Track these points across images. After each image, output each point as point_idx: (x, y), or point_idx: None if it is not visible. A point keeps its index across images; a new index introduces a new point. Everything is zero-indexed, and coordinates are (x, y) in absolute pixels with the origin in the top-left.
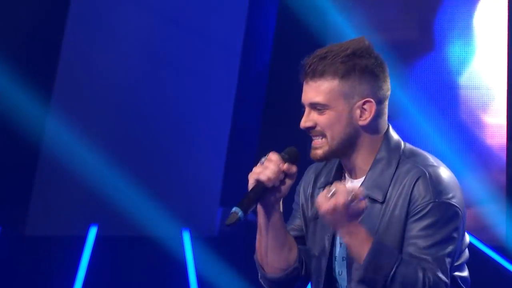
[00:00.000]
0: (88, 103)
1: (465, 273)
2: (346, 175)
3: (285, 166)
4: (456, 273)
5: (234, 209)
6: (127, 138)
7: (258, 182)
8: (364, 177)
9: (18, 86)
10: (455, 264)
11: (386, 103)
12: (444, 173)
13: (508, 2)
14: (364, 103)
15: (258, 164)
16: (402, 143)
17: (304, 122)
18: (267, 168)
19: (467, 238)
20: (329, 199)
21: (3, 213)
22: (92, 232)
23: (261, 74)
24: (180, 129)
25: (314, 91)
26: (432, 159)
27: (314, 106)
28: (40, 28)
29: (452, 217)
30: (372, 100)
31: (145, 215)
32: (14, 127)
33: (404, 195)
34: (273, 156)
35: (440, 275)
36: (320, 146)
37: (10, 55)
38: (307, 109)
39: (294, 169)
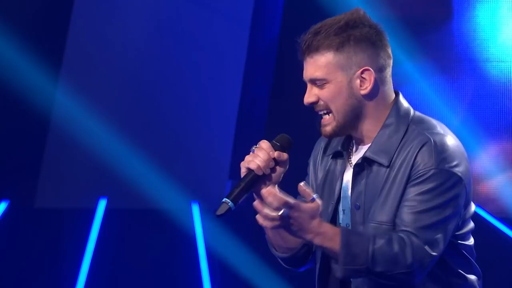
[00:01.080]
0: (97, 76)
1: (469, 242)
2: (354, 142)
3: (276, 153)
4: (460, 241)
5: (224, 199)
6: (136, 111)
7: (249, 171)
8: (371, 143)
9: (27, 59)
10: (459, 232)
11: (389, 70)
12: (450, 141)
13: None
14: (362, 72)
15: (250, 152)
16: (412, 110)
17: (307, 98)
18: (257, 156)
19: (472, 207)
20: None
21: (13, 186)
22: (101, 205)
23: (270, 48)
24: (189, 102)
25: (312, 66)
26: (439, 127)
27: (314, 81)
28: (49, 1)
29: (453, 185)
30: (370, 68)
31: (154, 188)
32: (24, 100)
33: (408, 160)
34: (264, 144)
35: (426, 247)
36: (328, 123)
37: (19, 28)
38: (308, 85)
39: (285, 156)
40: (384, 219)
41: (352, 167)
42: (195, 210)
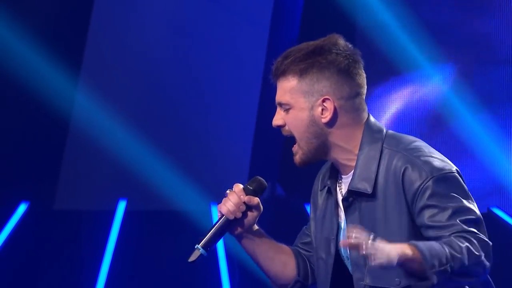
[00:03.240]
0: (116, 77)
1: None
2: (340, 173)
3: (246, 198)
4: None
5: (196, 246)
6: (156, 113)
7: (222, 214)
8: (352, 172)
9: (47, 60)
10: None
11: (358, 99)
12: (429, 150)
13: None
14: (323, 101)
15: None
16: (384, 130)
17: (274, 121)
18: (228, 200)
19: None
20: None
21: (32, 187)
22: (121, 207)
23: None
24: (208, 104)
25: (279, 90)
26: (414, 141)
27: (280, 105)
28: (69, 2)
29: (455, 180)
30: (330, 98)
31: (173, 190)
32: (44, 101)
33: (395, 185)
34: (236, 188)
35: (482, 237)
36: (296, 152)
37: (39, 30)
38: (278, 108)
39: (255, 201)
40: None
41: (341, 201)
42: (215, 211)
